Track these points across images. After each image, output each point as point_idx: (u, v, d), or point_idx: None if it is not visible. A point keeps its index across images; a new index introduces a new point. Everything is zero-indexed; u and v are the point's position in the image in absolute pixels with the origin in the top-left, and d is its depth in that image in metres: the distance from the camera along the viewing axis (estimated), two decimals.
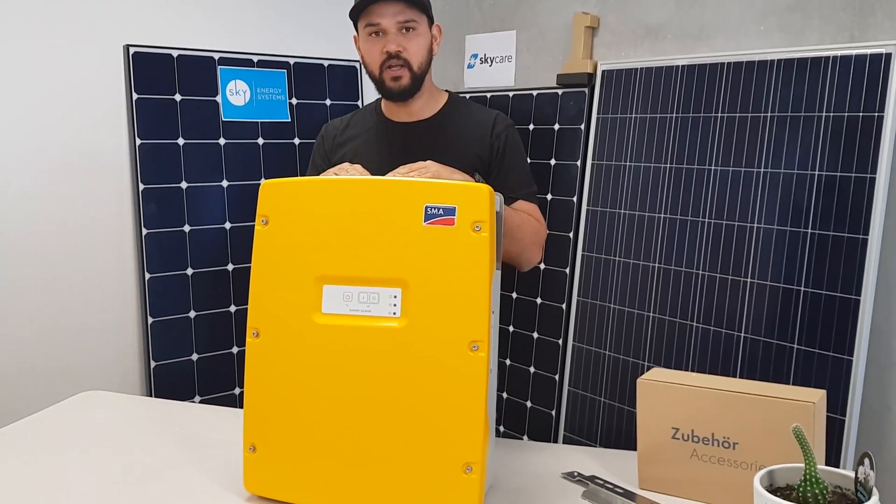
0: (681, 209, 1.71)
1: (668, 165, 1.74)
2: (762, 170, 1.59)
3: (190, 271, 2.07)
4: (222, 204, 2.12)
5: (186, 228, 2.06)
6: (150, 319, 2.01)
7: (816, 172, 1.51)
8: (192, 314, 2.07)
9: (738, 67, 1.64)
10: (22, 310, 1.90)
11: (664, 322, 1.73)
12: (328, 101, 2.31)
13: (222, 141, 2.11)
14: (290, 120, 2.24)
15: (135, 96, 1.98)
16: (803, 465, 0.90)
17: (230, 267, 2.14)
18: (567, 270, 1.95)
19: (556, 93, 2.01)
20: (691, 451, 1.16)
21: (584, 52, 1.98)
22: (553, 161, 1.99)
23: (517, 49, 2.20)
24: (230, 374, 2.14)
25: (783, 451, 1.04)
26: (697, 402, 1.15)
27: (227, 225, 2.13)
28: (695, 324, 1.67)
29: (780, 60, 1.58)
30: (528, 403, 2.05)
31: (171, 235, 2.04)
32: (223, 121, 2.12)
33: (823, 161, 1.51)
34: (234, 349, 2.15)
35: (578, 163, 1.94)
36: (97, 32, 1.95)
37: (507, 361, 2.11)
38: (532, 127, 2.05)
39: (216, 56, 2.11)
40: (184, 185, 2.05)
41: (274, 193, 1.16)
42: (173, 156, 2.04)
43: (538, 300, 2.03)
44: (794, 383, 1.51)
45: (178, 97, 2.05)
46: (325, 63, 2.31)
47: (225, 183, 2.12)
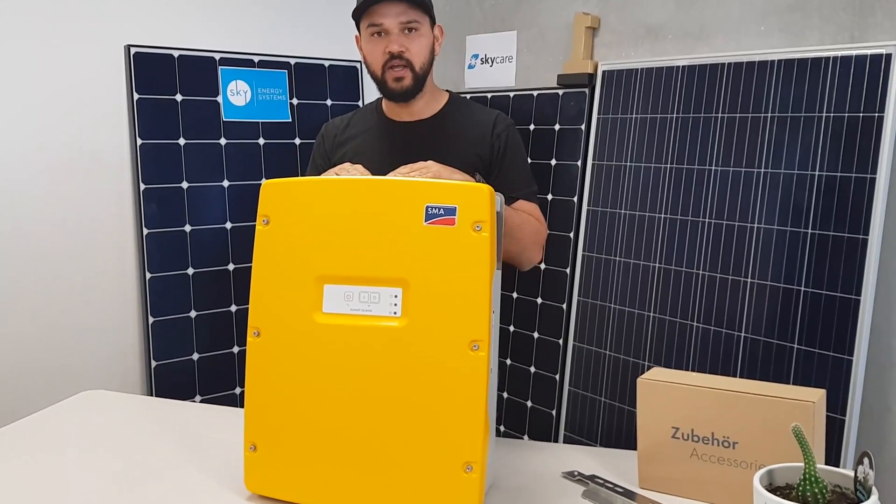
0: (681, 209, 1.72)
1: (668, 166, 1.75)
2: (762, 170, 1.59)
3: (191, 271, 2.07)
4: (223, 204, 2.12)
5: (187, 228, 2.06)
6: (150, 319, 2.01)
7: (816, 173, 1.51)
8: (193, 314, 2.08)
9: (739, 68, 1.64)
10: (22, 309, 1.90)
11: (664, 322, 1.73)
12: (329, 102, 2.32)
13: (223, 141, 2.12)
14: (290, 120, 2.24)
15: (136, 96, 1.98)
16: (803, 465, 0.91)
17: (231, 267, 2.14)
18: (567, 270, 1.95)
19: (557, 93, 2.01)
20: (691, 451, 1.16)
21: (584, 52, 1.99)
22: (553, 161, 2.00)
23: (518, 49, 2.20)
24: (231, 373, 2.15)
25: (783, 450, 1.04)
26: (697, 401, 1.15)
27: (228, 225, 2.13)
28: (695, 324, 1.68)
29: (780, 61, 1.58)
30: (529, 403, 2.05)
31: (171, 235, 2.04)
32: (224, 121, 2.12)
33: (823, 161, 1.51)
34: (235, 349, 2.15)
35: (579, 163, 1.94)
36: (98, 33, 1.96)
37: (508, 361, 2.11)
38: (532, 127, 2.05)
39: (217, 56, 2.11)
40: (185, 184, 2.05)
41: (275, 193, 1.16)
42: (174, 156, 2.04)
43: (539, 300, 2.03)
44: (794, 383, 1.51)
45: (178, 97, 2.05)
46: (326, 63, 2.31)
47: (226, 183, 2.12)
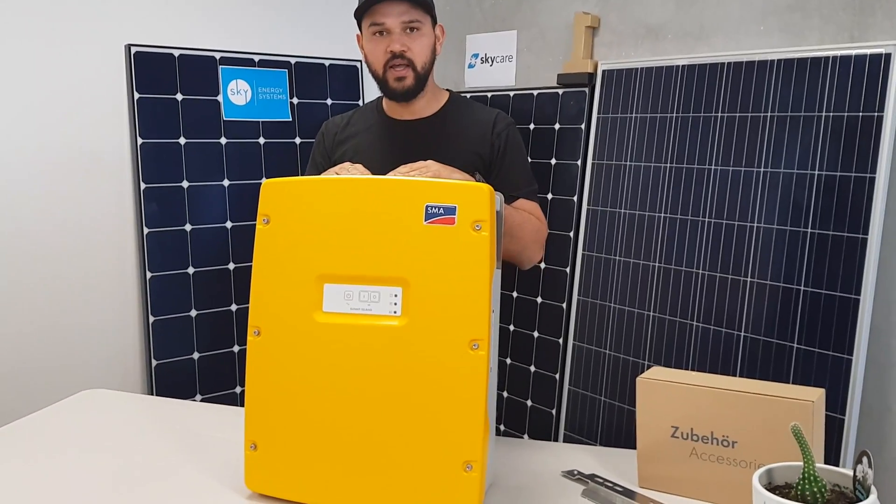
0: (681, 209, 1.72)
1: (668, 165, 1.75)
2: (762, 169, 1.59)
3: (191, 270, 2.07)
4: (223, 203, 2.12)
5: (188, 227, 2.06)
6: (151, 318, 2.01)
7: (816, 172, 1.52)
8: (194, 313, 2.08)
9: (738, 67, 1.64)
10: (23, 309, 1.90)
11: (664, 321, 1.73)
12: (329, 101, 2.32)
13: (223, 140, 2.12)
14: (291, 119, 2.24)
15: (136, 96, 1.99)
16: (802, 464, 0.91)
17: (231, 266, 2.14)
18: (567, 270, 1.95)
19: (557, 92, 2.01)
20: (691, 450, 1.16)
21: (584, 51, 1.99)
22: (553, 161, 2.00)
23: (518, 49, 2.20)
24: (231, 372, 2.15)
25: (782, 449, 1.04)
26: (697, 400, 1.15)
27: (229, 224, 2.13)
28: (695, 323, 1.68)
29: (780, 60, 1.58)
30: (529, 402, 2.05)
31: (172, 234, 2.04)
32: (224, 120, 2.12)
33: (823, 161, 1.51)
34: (235, 348, 2.15)
35: (579, 162, 1.94)
36: (98, 32, 1.96)
37: (508, 360, 2.11)
38: (532, 126, 2.05)
39: (217, 56, 2.11)
40: (185, 184, 2.05)
41: (275, 193, 1.16)
42: (174, 155, 2.04)
43: (539, 299, 2.03)
44: (793, 382, 1.51)
45: (179, 97, 2.05)
46: (327, 63, 2.31)
47: (226, 182, 2.12)
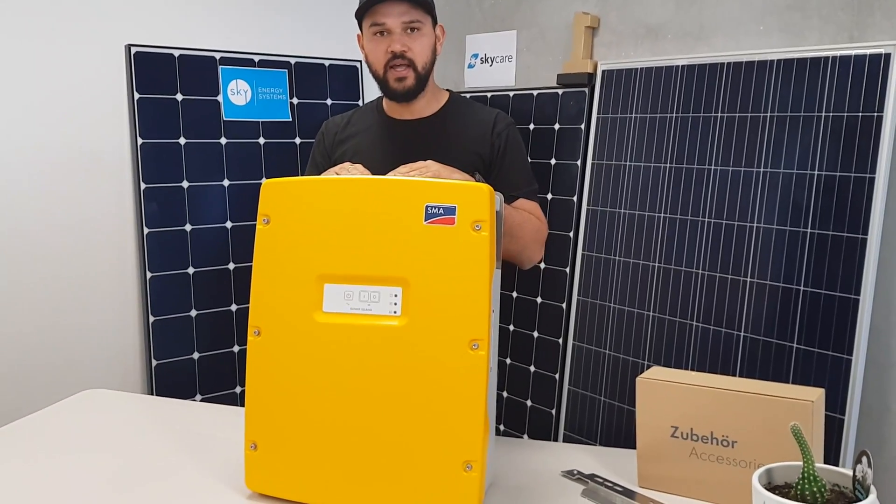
0: (681, 209, 1.72)
1: (668, 165, 1.75)
2: (762, 169, 1.59)
3: (191, 270, 2.07)
4: (223, 203, 2.12)
5: (188, 227, 2.06)
6: (151, 318, 2.01)
7: (816, 172, 1.52)
8: (194, 313, 2.08)
9: (738, 67, 1.64)
10: (23, 309, 1.90)
11: (664, 321, 1.73)
12: (329, 101, 2.32)
13: (223, 140, 2.12)
14: (291, 119, 2.24)
15: (136, 96, 1.99)
16: (802, 464, 0.91)
17: (231, 266, 2.14)
18: (567, 270, 1.95)
19: (557, 92, 2.01)
20: (690, 450, 1.16)
21: (584, 51, 1.99)
22: (553, 161, 2.00)
23: (517, 49, 2.20)
24: (231, 372, 2.15)
25: (782, 449, 1.04)
26: (697, 400, 1.15)
27: (229, 224, 2.13)
28: (695, 323, 1.68)
29: (779, 60, 1.58)
30: (529, 402, 2.05)
31: (172, 234, 2.04)
32: (224, 120, 2.12)
33: (823, 161, 1.51)
34: (235, 348, 2.15)
35: (578, 162, 1.94)
36: (98, 32, 1.96)
37: (508, 360, 2.11)
38: (532, 127, 2.05)
39: (217, 56, 2.11)
40: (185, 184, 2.06)
41: (275, 193, 1.16)
42: (174, 155, 2.04)
43: (538, 299, 2.03)
44: (793, 382, 1.51)
45: (179, 97, 2.05)
46: (326, 63, 2.31)
47: (226, 182, 2.12)
